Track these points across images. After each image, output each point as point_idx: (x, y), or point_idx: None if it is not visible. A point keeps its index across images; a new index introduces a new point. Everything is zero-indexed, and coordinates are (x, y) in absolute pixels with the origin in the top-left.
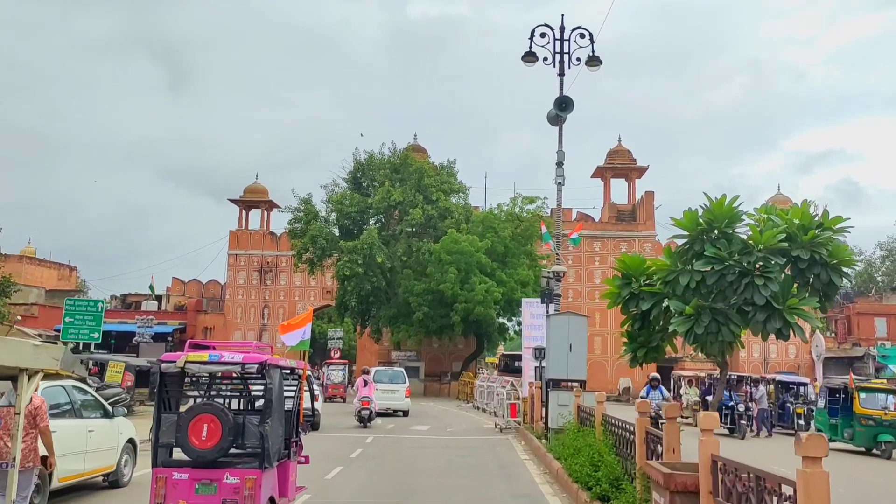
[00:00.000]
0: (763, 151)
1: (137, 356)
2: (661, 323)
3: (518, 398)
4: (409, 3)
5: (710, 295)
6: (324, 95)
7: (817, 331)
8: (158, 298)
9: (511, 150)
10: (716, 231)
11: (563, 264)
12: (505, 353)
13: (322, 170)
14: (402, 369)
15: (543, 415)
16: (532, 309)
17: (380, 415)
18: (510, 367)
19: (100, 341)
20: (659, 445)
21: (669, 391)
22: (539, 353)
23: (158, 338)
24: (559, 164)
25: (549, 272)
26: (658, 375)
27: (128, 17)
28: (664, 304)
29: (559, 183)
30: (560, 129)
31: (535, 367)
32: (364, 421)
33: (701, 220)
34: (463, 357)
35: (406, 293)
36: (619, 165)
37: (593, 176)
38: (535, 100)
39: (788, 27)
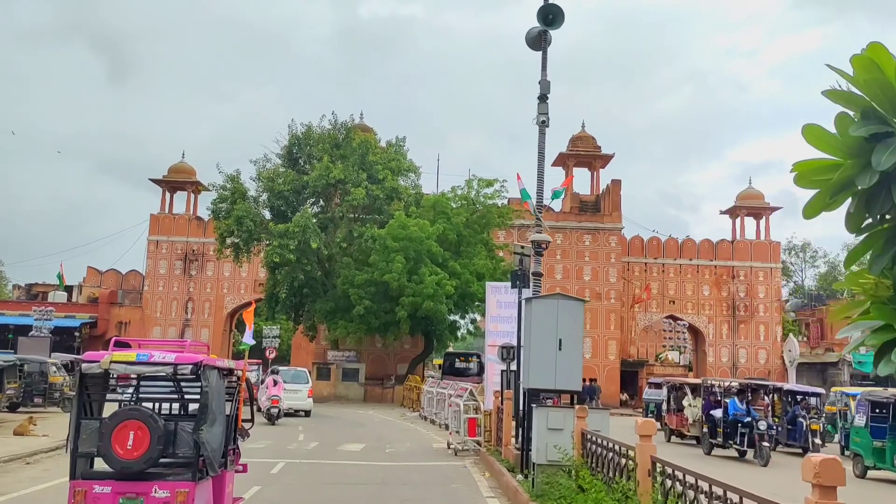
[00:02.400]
0: (708, 161)
1: (15, 352)
2: None
3: (479, 411)
4: (361, 2)
5: None
6: (270, 92)
7: (790, 335)
8: (69, 289)
9: (461, 154)
10: None
11: (546, 231)
12: (449, 351)
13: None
14: (305, 370)
15: (517, 435)
16: (498, 296)
17: (286, 415)
18: (454, 367)
19: None
20: None
21: (664, 400)
22: (508, 354)
23: (62, 332)
24: (542, 99)
25: (522, 247)
26: None
27: (65, 4)
28: None
29: (542, 122)
30: (544, 52)
31: (503, 372)
32: (273, 419)
33: None
34: (409, 358)
35: (345, 284)
36: (583, 152)
37: (554, 164)
38: (485, 103)
39: (732, 40)
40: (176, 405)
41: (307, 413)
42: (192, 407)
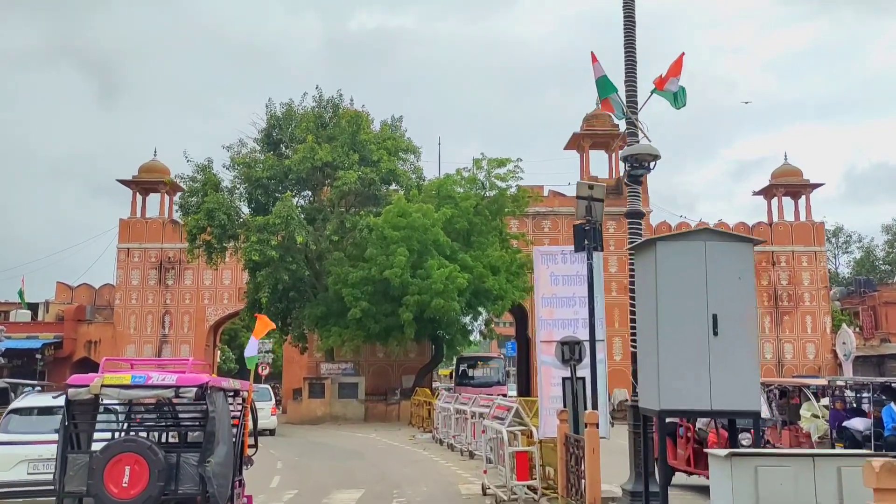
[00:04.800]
0: (704, 160)
1: None
2: None
3: (531, 439)
4: (349, 15)
5: None
6: (261, 107)
7: (843, 325)
8: (34, 307)
9: (458, 161)
10: None
11: (645, 134)
12: (463, 356)
13: None
14: (268, 387)
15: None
16: (553, 266)
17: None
18: (469, 375)
19: None
20: None
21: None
22: (573, 352)
23: (24, 355)
24: None
25: (590, 186)
26: None
27: (53, 26)
28: None
29: None
30: None
31: (565, 380)
32: None
33: None
34: (416, 369)
35: (337, 284)
36: (600, 132)
37: (567, 147)
38: (482, 111)
39: (720, 38)
40: (163, 432)
41: (272, 432)
42: (193, 435)
